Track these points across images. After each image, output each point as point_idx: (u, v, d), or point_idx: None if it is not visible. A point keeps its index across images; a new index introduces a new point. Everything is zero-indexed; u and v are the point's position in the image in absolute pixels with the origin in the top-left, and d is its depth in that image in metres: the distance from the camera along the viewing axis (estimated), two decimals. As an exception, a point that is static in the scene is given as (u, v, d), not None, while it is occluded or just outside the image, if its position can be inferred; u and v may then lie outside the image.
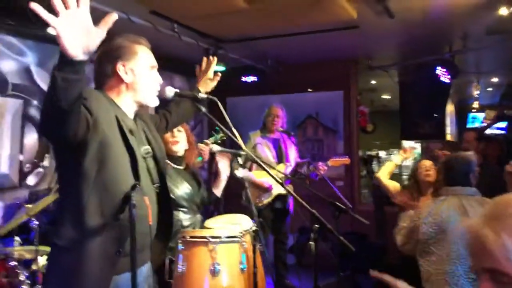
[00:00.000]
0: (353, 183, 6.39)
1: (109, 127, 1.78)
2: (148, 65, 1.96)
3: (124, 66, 1.90)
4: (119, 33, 2.10)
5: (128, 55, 1.91)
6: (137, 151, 1.88)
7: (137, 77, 1.92)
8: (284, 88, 6.47)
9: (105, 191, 1.76)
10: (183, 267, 2.49)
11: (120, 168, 1.81)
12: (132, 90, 1.92)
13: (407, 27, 4.77)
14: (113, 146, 1.78)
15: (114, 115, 1.83)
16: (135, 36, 1.98)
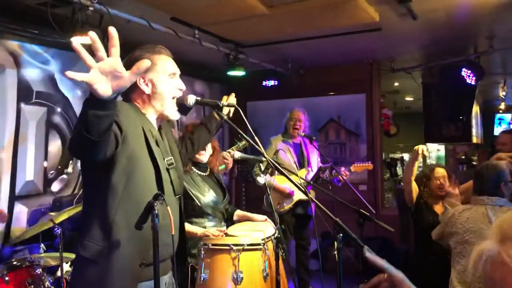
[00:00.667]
0: (376, 187, 6.30)
1: (137, 140, 1.81)
2: (167, 73, 1.96)
3: (144, 78, 1.93)
4: (141, 39, 2.10)
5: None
6: (161, 162, 1.90)
7: (156, 87, 1.94)
8: (305, 91, 6.43)
9: (132, 204, 1.77)
10: (205, 275, 2.48)
11: (146, 181, 1.83)
12: (154, 100, 1.95)
13: (430, 28, 4.68)
14: (140, 159, 1.82)
15: (141, 126, 1.85)
16: (154, 46, 1.99)
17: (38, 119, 4.19)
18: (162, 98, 1.95)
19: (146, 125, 1.90)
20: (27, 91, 4.08)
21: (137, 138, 1.82)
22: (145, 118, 1.93)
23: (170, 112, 1.98)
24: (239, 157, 2.96)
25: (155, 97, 1.94)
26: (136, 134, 1.82)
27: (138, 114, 1.91)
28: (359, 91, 6.38)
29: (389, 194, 6.99)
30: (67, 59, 4.41)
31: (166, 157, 1.98)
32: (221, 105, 2.15)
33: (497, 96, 9.41)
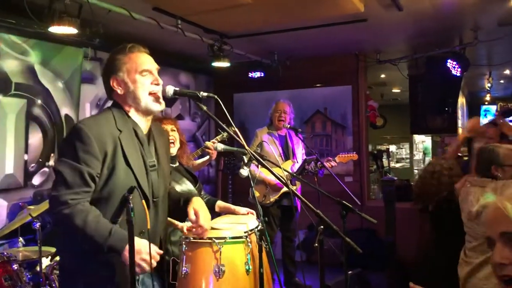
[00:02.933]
0: (362, 179, 6.31)
1: (114, 150, 1.88)
2: (138, 71, 1.97)
3: (117, 80, 1.97)
4: (123, 30, 2.07)
5: (118, 67, 1.97)
6: (139, 164, 1.95)
7: (128, 86, 1.97)
8: (292, 83, 6.40)
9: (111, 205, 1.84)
10: (187, 268, 2.45)
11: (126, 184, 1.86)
12: (130, 100, 1.98)
13: (416, 19, 4.67)
14: (118, 166, 1.88)
15: (117, 134, 1.90)
16: (125, 46, 2.01)
17: (18, 111, 4.09)
18: (136, 96, 1.97)
19: (128, 127, 1.95)
20: (5, 83, 3.97)
21: (115, 149, 1.88)
22: (129, 119, 1.98)
23: (150, 105, 1.98)
24: (222, 149, 2.93)
25: (130, 96, 1.97)
26: (114, 145, 1.88)
27: (120, 118, 1.95)
28: (346, 83, 6.37)
29: (375, 186, 7.00)
30: (47, 50, 4.31)
31: (149, 159, 2.01)
32: (200, 96, 2.11)
33: (483, 87, 9.49)
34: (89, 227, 1.74)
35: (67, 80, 4.48)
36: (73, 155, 1.81)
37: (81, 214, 1.75)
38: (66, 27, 3.26)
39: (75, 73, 4.54)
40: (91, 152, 1.81)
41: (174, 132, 3.02)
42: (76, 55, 4.54)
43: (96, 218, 1.77)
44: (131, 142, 1.94)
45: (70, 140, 1.86)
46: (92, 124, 1.88)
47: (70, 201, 1.76)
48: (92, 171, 1.81)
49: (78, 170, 1.79)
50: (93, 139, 1.82)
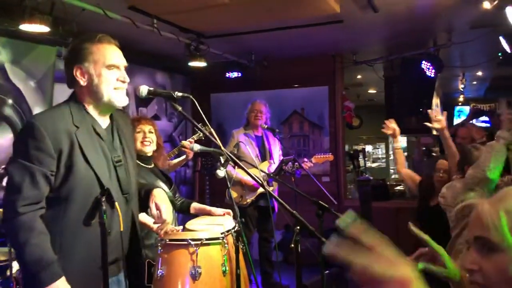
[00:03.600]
0: (339, 179, 6.36)
1: (71, 146, 1.79)
2: (105, 64, 1.86)
3: (81, 69, 1.85)
4: (97, 29, 2.02)
5: (84, 57, 1.85)
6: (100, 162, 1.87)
7: (93, 79, 1.85)
8: (269, 83, 6.41)
9: (76, 208, 1.77)
10: (162, 270, 2.42)
11: (88, 183, 1.81)
12: (92, 93, 1.87)
13: (391, 21, 4.73)
14: (77, 163, 1.79)
15: (74, 130, 1.80)
16: (95, 34, 1.89)
17: (-13, 112, 3.99)
18: (99, 90, 1.86)
19: (86, 122, 1.85)
20: (-26, 82, 3.87)
21: (72, 146, 1.79)
22: (87, 114, 1.87)
23: (114, 99, 1.89)
24: (199, 150, 2.90)
25: (92, 89, 1.86)
26: (70, 142, 1.79)
27: (78, 112, 1.85)
28: (322, 84, 6.41)
29: (352, 186, 7.07)
30: (18, 48, 4.19)
31: (114, 154, 1.92)
32: (175, 96, 2.08)
33: (456, 89, 9.66)
34: (28, 249, 1.66)
35: (40, 80, 4.37)
36: (25, 153, 1.72)
37: (25, 231, 1.67)
38: (37, 25, 3.18)
39: (48, 73, 4.44)
40: (43, 150, 1.73)
41: (151, 134, 2.99)
42: (49, 54, 4.44)
43: (38, 242, 1.67)
44: (90, 138, 1.85)
45: (22, 136, 1.79)
46: (46, 120, 1.79)
47: (21, 208, 1.67)
48: (45, 170, 1.73)
49: (29, 171, 1.71)
50: (46, 135, 1.73)
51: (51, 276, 1.65)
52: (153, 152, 3.03)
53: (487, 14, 4.09)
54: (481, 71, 7.94)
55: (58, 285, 1.66)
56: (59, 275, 1.67)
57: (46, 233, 1.71)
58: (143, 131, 2.95)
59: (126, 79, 1.92)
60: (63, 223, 1.77)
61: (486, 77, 8.89)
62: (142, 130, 2.96)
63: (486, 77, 8.83)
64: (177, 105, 2.08)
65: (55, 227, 1.76)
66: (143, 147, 2.95)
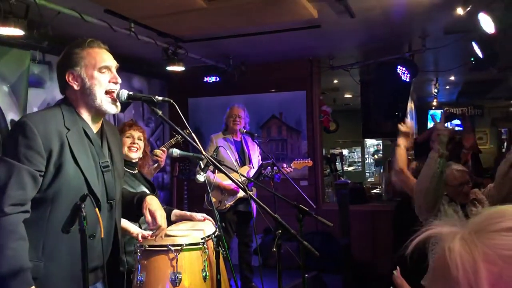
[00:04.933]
0: (317, 182, 6.40)
1: (61, 148, 1.78)
2: (96, 67, 1.88)
3: (73, 74, 1.88)
4: (73, 32, 2.00)
5: (75, 62, 1.88)
6: (89, 165, 1.87)
7: (85, 82, 1.87)
8: (247, 88, 6.42)
9: (62, 211, 1.74)
10: (142, 277, 2.38)
11: (76, 186, 1.80)
12: (85, 96, 1.89)
13: (368, 26, 4.80)
14: (66, 165, 1.78)
15: (65, 132, 1.81)
16: (85, 40, 1.92)
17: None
18: (92, 93, 1.88)
19: (77, 126, 1.86)
20: None
21: (62, 147, 1.79)
22: (78, 118, 1.88)
23: (105, 106, 1.90)
24: (178, 155, 2.89)
25: (85, 92, 1.88)
26: (60, 142, 1.79)
27: (69, 115, 1.85)
28: (300, 88, 6.45)
29: (329, 189, 7.12)
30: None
31: (102, 159, 1.92)
32: (155, 100, 2.06)
33: (430, 93, 9.86)
34: (4, 253, 1.62)
35: (13, 84, 4.28)
36: (14, 151, 1.71)
37: (6, 233, 1.64)
38: (11, 28, 3.12)
39: (22, 77, 4.34)
40: (34, 148, 1.72)
41: (140, 141, 3.01)
42: (23, 58, 4.35)
43: (16, 247, 1.64)
44: (80, 141, 1.85)
45: (13, 134, 1.77)
46: (38, 119, 1.78)
47: (7, 208, 1.65)
48: (34, 170, 1.71)
49: (16, 171, 1.69)
50: (38, 134, 1.73)
51: (21, 283, 1.62)
52: (139, 159, 3.04)
53: (460, 20, 4.19)
54: (453, 75, 8.12)
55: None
56: (29, 284, 1.64)
57: (26, 239, 1.68)
58: (132, 136, 2.96)
59: (118, 80, 1.94)
60: (48, 225, 1.75)
61: (458, 82, 9.09)
62: (132, 135, 2.97)
63: (459, 81, 9.03)
64: (157, 109, 2.07)
65: (39, 229, 1.74)
66: (130, 153, 2.95)
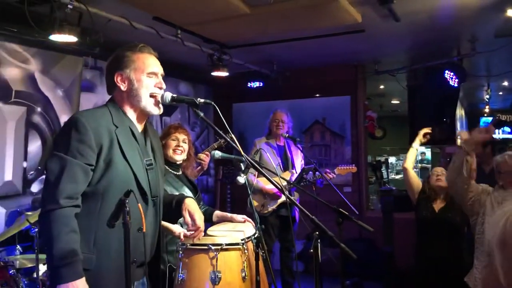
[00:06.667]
0: (361, 189, 6.31)
1: (111, 144, 1.86)
2: (145, 72, 1.97)
3: (122, 76, 1.96)
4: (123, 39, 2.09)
5: (125, 64, 1.96)
6: (137, 162, 1.93)
7: (133, 84, 1.95)
8: (291, 93, 6.43)
9: (112, 205, 1.79)
10: (183, 275, 2.45)
11: (124, 181, 1.86)
12: (131, 97, 1.97)
13: (413, 30, 4.71)
14: (116, 161, 1.86)
15: (114, 130, 1.89)
16: (136, 44, 2.01)
17: (17, 119, 4.12)
18: (138, 95, 1.96)
19: (124, 124, 1.94)
20: (5, 91, 4.01)
21: (111, 143, 1.86)
22: (125, 117, 1.97)
23: (149, 107, 1.98)
24: (220, 157, 2.94)
25: (132, 94, 1.96)
26: (110, 139, 1.86)
27: (117, 114, 1.94)
28: (344, 93, 6.40)
29: (374, 197, 7.00)
30: (47, 58, 4.35)
31: (146, 157, 2.00)
32: (197, 102, 2.13)
33: (482, 99, 9.51)
34: (57, 243, 1.69)
35: (67, 88, 4.52)
36: (67, 145, 1.78)
37: (60, 225, 1.71)
38: (66, 35, 3.30)
39: (75, 82, 4.58)
40: (86, 142, 1.79)
41: (185, 143, 3.05)
42: (76, 64, 4.59)
43: (68, 239, 1.71)
44: (127, 138, 1.92)
45: (66, 130, 1.84)
46: (89, 116, 1.87)
47: (62, 201, 1.72)
48: (85, 164, 1.78)
49: (68, 165, 1.75)
50: (90, 129, 1.80)
51: (73, 274, 1.69)
52: (183, 161, 3.08)
53: (511, 22, 4.05)
54: (506, 81, 7.80)
55: (78, 284, 1.69)
56: (80, 275, 1.71)
57: (77, 232, 1.75)
58: (177, 139, 3.00)
59: (163, 85, 2.02)
60: (99, 218, 1.82)
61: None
62: (177, 138, 3.01)
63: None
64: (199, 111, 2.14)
65: (91, 222, 1.81)
66: (174, 155, 3.00)
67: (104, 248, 1.82)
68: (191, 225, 2.12)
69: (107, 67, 2.02)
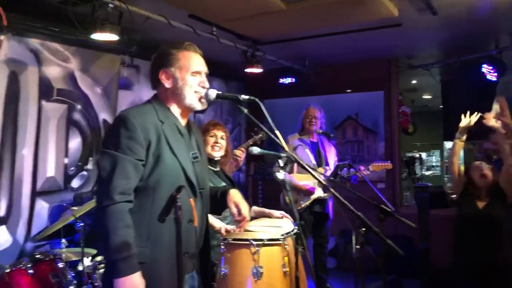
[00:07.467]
0: (394, 186, 6.24)
1: (159, 140, 1.89)
2: (190, 70, 1.99)
3: (167, 73, 1.98)
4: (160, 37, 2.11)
5: (170, 62, 1.99)
6: (184, 155, 1.96)
7: (177, 82, 1.98)
8: (323, 89, 6.40)
9: (163, 199, 1.82)
10: (225, 269, 2.48)
11: (174, 175, 1.90)
12: (175, 95, 2.00)
13: (450, 23, 4.62)
14: (165, 155, 1.89)
15: (160, 125, 1.92)
16: (182, 42, 2.03)
17: (59, 116, 4.24)
18: (182, 93, 1.99)
19: (169, 120, 1.97)
20: (48, 89, 4.13)
21: (159, 138, 1.89)
22: (169, 113, 2.00)
23: (193, 103, 2.01)
24: (258, 153, 2.95)
25: (176, 91, 1.99)
26: (157, 134, 1.90)
27: (161, 110, 1.97)
28: (377, 89, 6.32)
29: (407, 193, 6.92)
30: (87, 57, 4.46)
31: (191, 151, 2.02)
32: (241, 99, 2.15)
33: (520, 93, 9.22)
34: (114, 238, 1.73)
35: (105, 86, 4.62)
36: (117, 143, 1.82)
37: (115, 220, 1.75)
38: (107, 34, 3.38)
39: (113, 80, 4.68)
40: (135, 139, 1.83)
41: (223, 140, 3.08)
42: (114, 62, 4.68)
43: (124, 234, 1.76)
44: (174, 133, 1.96)
45: (115, 127, 1.88)
46: (136, 113, 1.90)
47: (116, 196, 1.76)
48: (135, 159, 1.82)
49: (120, 162, 1.80)
50: (138, 126, 1.84)
51: (129, 268, 1.73)
52: (221, 157, 3.12)
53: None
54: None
55: (134, 278, 1.73)
56: (136, 268, 1.75)
57: (132, 227, 1.79)
58: (215, 135, 3.04)
59: (206, 84, 2.04)
60: (151, 212, 1.85)
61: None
62: (215, 135, 3.04)
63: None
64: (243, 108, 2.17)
65: (143, 216, 1.85)
66: (213, 151, 3.04)
67: (157, 241, 1.86)
68: (237, 216, 2.13)
69: (152, 64, 2.05)
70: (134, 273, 1.74)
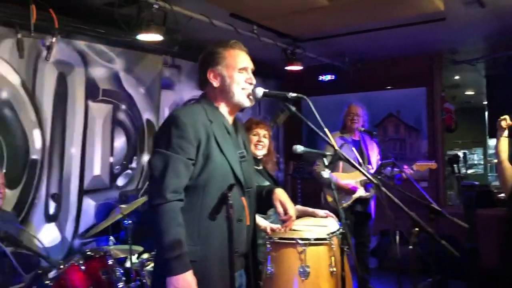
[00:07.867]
0: (438, 184, 6.09)
1: (208, 139, 1.91)
2: (237, 68, 2.01)
3: (214, 72, 2.00)
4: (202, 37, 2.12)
5: (217, 61, 2.00)
6: (232, 154, 1.97)
7: (225, 80, 2.00)
8: (363, 86, 6.30)
9: (213, 198, 1.84)
10: (271, 268, 2.47)
11: (222, 174, 1.91)
12: (224, 93, 2.02)
13: (497, 16, 4.45)
14: (214, 155, 1.91)
15: (209, 124, 1.94)
16: (228, 41, 2.05)
17: (105, 116, 4.35)
18: (231, 90, 2.00)
19: (218, 119, 1.98)
20: (94, 89, 4.25)
21: (208, 138, 1.91)
22: (218, 112, 2.01)
23: (242, 100, 2.02)
24: (302, 151, 2.93)
25: (224, 90, 2.01)
26: (207, 134, 1.91)
27: (210, 110, 1.99)
28: (419, 85, 6.17)
29: (451, 192, 6.72)
30: (131, 58, 4.55)
31: (238, 150, 2.03)
32: (289, 97, 2.14)
33: None
34: (167, 236, 1.75)
35: (148, 86, 4.70)
36: (168, 142, 1.84)
37: (169, 219, 1.77)
38: (153, 35, 3.43)
39: (155, 80, 4.77)
40: (186, 138, 1.84)
41: (265, 138, 3.08)
42: (157, 62, 4.76)
43: (176, 232, 1.77)
44: (222, 132, 1.97)
45: (166, 127, 1.90)
46: (187, 113, 1.93)
47: (169, 195, 1.78)
48: (186, 158, 1.84)
49: (171, 161, 1.82)
50: (188, 125, 1.86)
51: (182, 266, 1.75)
52: (264, 156, 3.11)
53: None
54: None
55: (186, 276, 1.75)
56: (188, 267, 1.77)
57: (183, 226, 1.81)
58: (258, 134, 3.03)
59: (253, 81, 2.06)
60: (202, 211, 1.87)
61: None
62: (258, 133, 3.04)
63: None
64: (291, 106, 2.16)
65: (194, 215, 1.87)
66: (256, 150, 3.04)
67: (207, 239, 1.87)
68: (283, 215, 2.12)
69: (199, 64, 2.06)
70: (187, 271, 1.76)
